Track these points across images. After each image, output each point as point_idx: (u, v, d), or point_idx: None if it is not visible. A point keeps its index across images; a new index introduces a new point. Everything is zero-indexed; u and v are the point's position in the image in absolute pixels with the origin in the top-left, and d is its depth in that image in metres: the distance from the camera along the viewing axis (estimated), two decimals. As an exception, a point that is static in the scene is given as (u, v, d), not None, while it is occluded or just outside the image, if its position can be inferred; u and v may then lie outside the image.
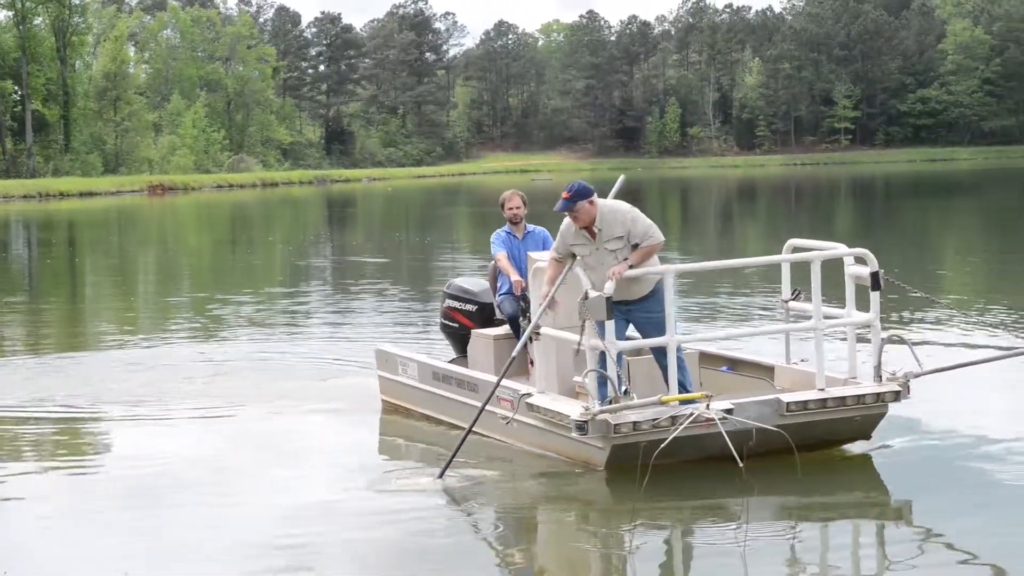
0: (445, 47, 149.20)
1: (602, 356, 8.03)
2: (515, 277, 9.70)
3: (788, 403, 8.30)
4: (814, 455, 8.41)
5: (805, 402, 8.34)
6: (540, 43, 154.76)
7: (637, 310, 8.48)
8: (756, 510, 7.53)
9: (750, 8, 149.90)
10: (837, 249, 8.73)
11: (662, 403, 7.94)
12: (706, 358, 9.76)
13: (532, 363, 8.88)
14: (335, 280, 24.84)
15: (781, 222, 41.77)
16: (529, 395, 8.63)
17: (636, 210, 8.53)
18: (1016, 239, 30.72)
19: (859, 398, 8.43)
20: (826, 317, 8.62)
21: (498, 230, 10.18)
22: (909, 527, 7.38)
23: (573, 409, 8.13)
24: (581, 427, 7.95)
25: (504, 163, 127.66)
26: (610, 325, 7.95)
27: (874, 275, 8.48)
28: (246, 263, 30.15)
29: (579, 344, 8.04)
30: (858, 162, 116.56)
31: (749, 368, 9.64)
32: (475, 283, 10.56)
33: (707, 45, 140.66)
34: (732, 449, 7.44)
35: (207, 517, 7.80)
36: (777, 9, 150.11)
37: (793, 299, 9.16)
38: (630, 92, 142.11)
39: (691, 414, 7.76)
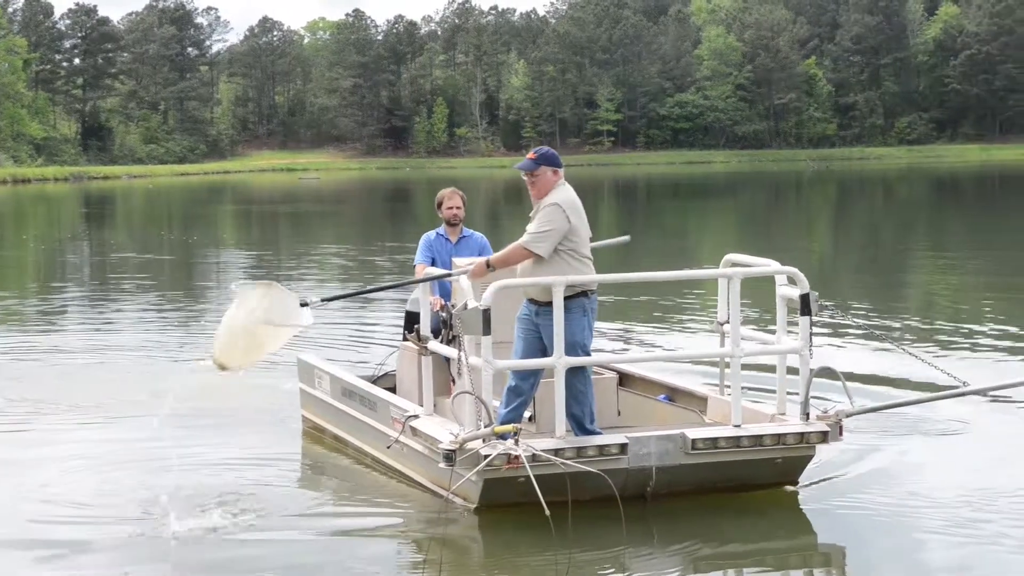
0: (208, 43, 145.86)
1: (515, 374, 7.13)
2: (432, 296, 8.16)
3: (694, 440, 7.21)
4: (730, 495, 7.47)
5: (715, 439, 7.26)
6: (306, 40, 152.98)
7: (547, 313, 7.22)
8: (659, 558, 6.54)
9: (515, 10, 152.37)
10: (767, 267, 7.74)
11: (494, 434, 6.79)
12: (643, 384, 8.79)
13: (454, 381, 7.89)
14: (91, 277, 23.94)
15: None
16: (416, 416, 7.60)
17: (559, 206, 7.22)
18: (773, 239, 32.11)
19: (779, 438, 7.33)
20: (753, 343, 7.81)
21: (429, 232, 8.93)
22: None
23: (445, 435, 7.06)
24: (448, 457, 6.88)
25: (271, 161, 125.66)
26: (487, 341, 6.85)
27: (804, 297, 7.38)
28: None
29: (466, 361, 7.00)
30: (620, 164, 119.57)
31: (684, 397, 8.51)
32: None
33: (473, 46, 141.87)
34: (539, 493, 6.24)
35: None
36: (541, 12, 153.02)
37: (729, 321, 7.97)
38: (398, 92, 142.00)
39: (502, 451, 6.69)
